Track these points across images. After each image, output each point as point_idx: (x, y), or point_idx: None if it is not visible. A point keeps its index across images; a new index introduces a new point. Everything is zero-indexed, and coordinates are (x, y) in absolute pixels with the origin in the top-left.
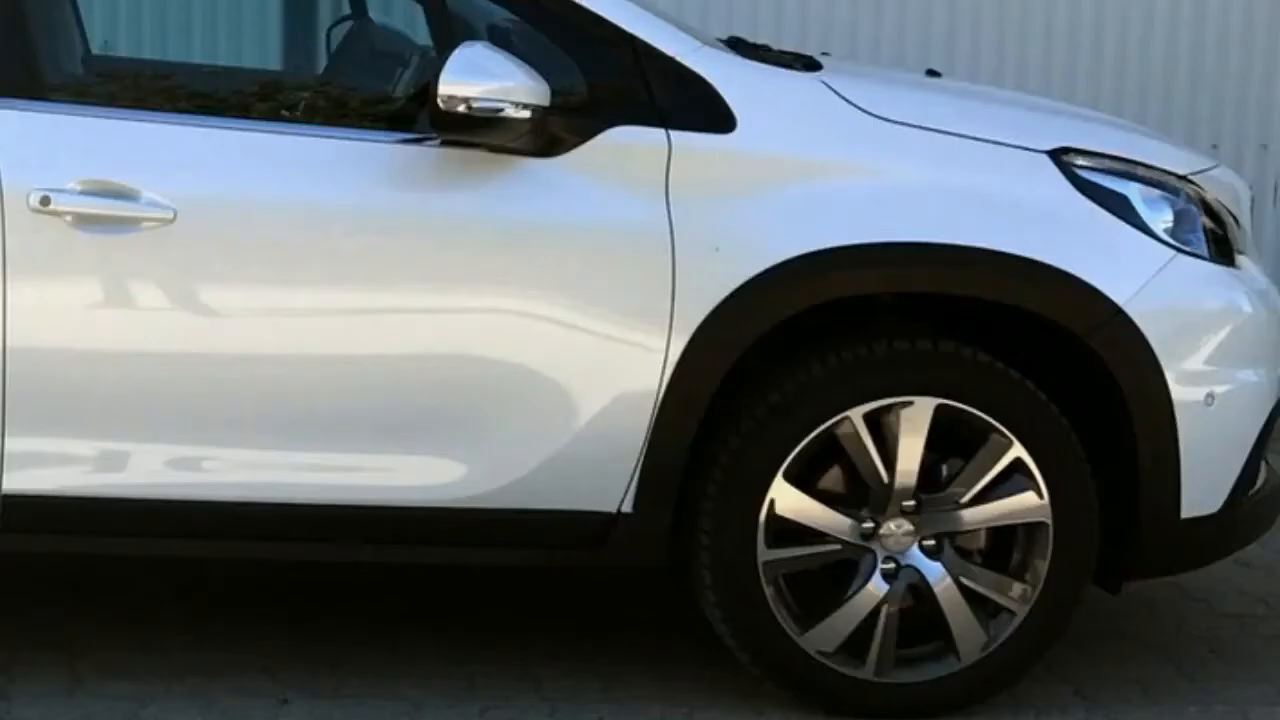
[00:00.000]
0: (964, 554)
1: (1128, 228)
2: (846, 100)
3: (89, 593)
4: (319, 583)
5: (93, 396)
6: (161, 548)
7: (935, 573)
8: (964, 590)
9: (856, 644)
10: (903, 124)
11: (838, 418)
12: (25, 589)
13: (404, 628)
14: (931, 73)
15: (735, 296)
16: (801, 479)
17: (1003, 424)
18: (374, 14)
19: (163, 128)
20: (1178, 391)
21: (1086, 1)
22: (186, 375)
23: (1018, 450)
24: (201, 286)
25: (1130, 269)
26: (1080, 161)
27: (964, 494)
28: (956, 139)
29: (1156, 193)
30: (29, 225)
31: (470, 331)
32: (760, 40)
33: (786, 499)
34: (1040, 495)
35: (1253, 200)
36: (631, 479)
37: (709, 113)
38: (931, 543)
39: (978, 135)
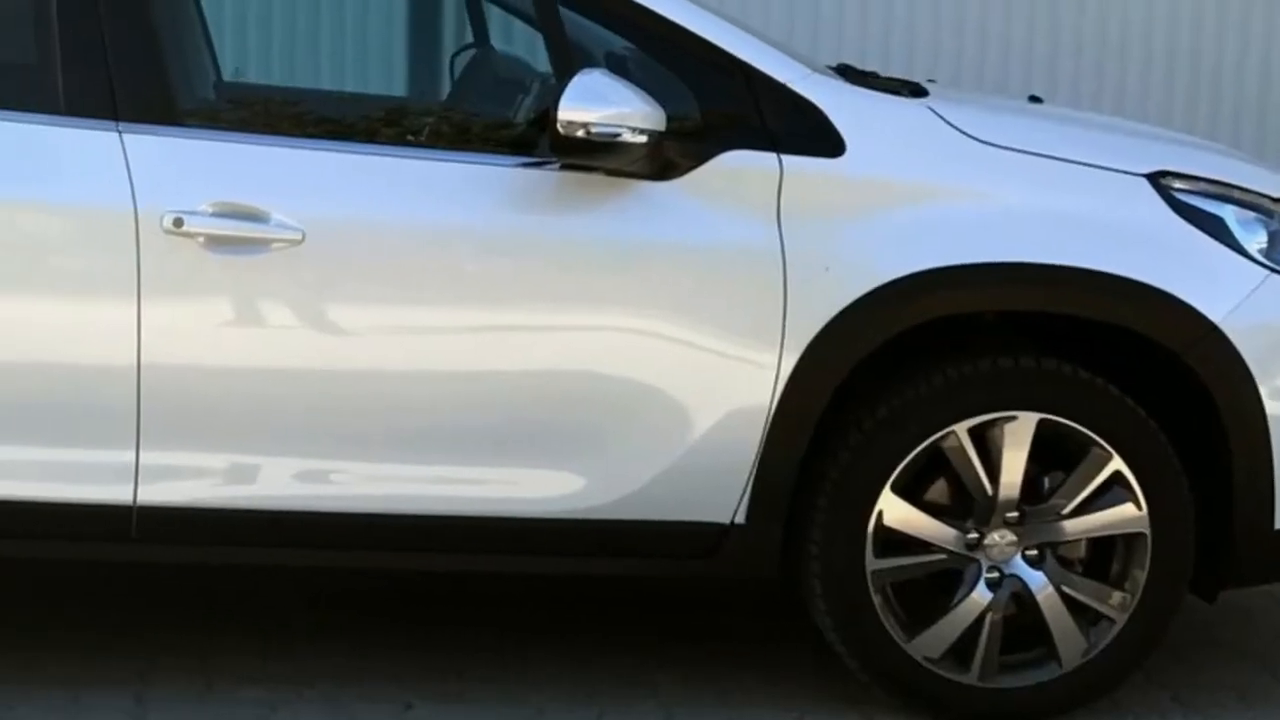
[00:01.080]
0: (1065, 563)
1: (1223, 248)
2: (952, 126)
3: (220, 601)
4: (443, 592)
5: (224, 411)
6: (290, 557)
7: (1038, 581)
8: (1065, 599)
9: (961, 650)
10: (1007, 149)
11: (944, 432)
12: (159, 598)
13: (524, 635)
14: (1034, 99)
15: (845, 315)
16: (908, 491)
17: (1103, 438)
18: (496, 42)
19: (292, 152)
20: (1271, 406)
21: (1184, 28)
22: (315, 391)
23: (1117, 463)
24: (329, 305)
25: (1225, 288)
26: (1178, 185)
27: (1065, 506)
28: (1059, 163)
29: (1251, 215)
30: (162, 246)
31: (588, 349)
32: (868, 67)
33: (894, 511)
34: (1139, 507)
35: None
36: (744, 491)
37: (819, 138)
38: (1034, 553)
39: (1079, 159)
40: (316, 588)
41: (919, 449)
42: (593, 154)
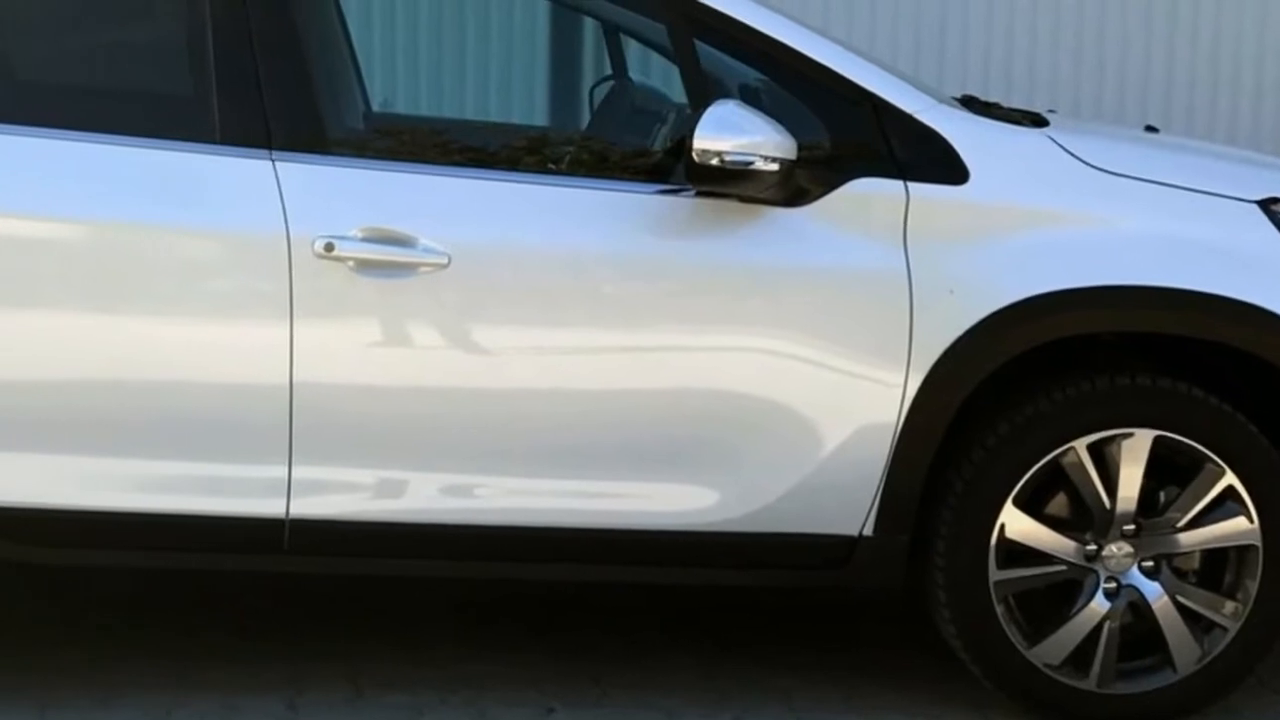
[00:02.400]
0: (1180, 574)
1: None
2: (1071, 154)
3: (369, 610)
4: (581, 602)
5: (372, 429)
6: (436, 568)
7: (1154, 591)
8: (1180, 608)
9: (1080, 657)
10: (1123, 176)
11: (1063, 448)
12: (310, 607)
13: (659, 643)
14: (1150, 128)
15: (968, 336)
16: (1030, 505)
17: (1216, 454)
18: (633, 74)
19: (437, 179)
20: None
21: None
22: (459, 409)
23: (1230, 478)
24: (473, 327)
25: None
26: None
27: (1180, 519)
28: (1173, 190)
29: None
30: (314, 270)
31: (722, 368)
32: (991, 98)
33: (1016, 523)
34: (1251, 520)
35: None
36: (872, 504)
37: (944, 166)
38: (1150, 564)
39: (1192, 186)
40: (460, 597)
41: (1040, 464)
42: (727, 181)
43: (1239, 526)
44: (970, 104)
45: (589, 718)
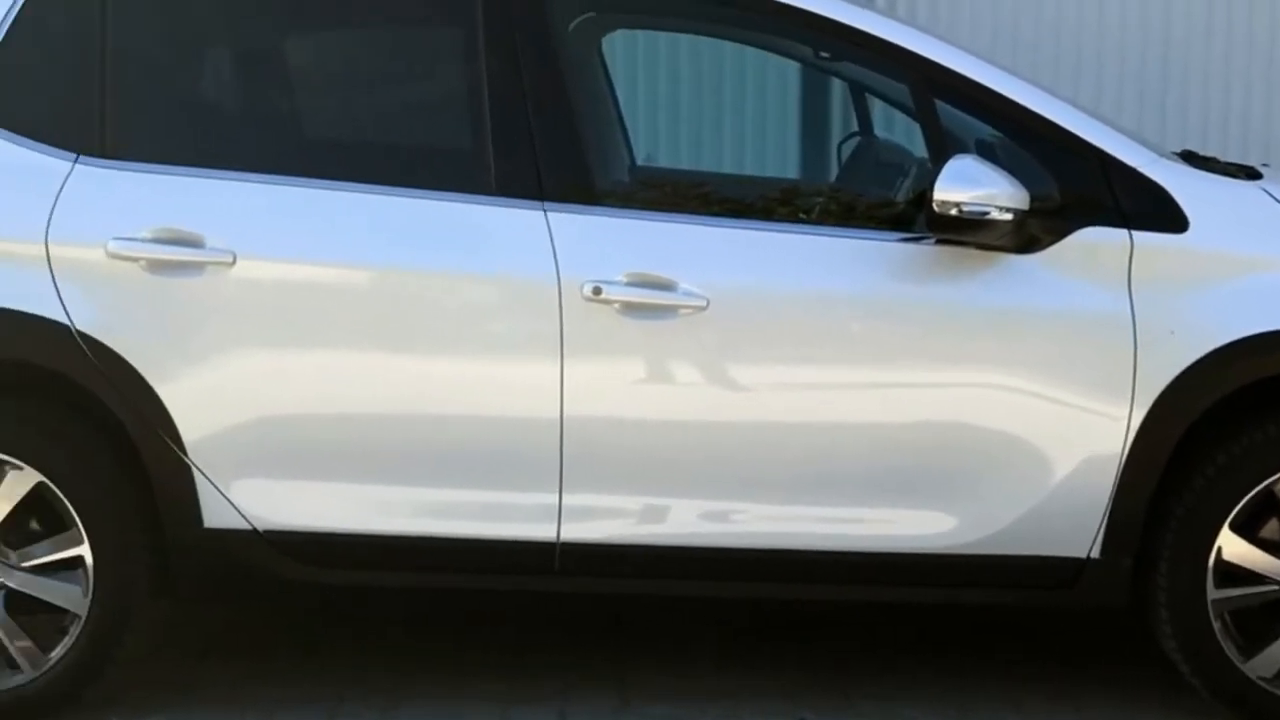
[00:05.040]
0: None
1: None
2: None
3: (634, 628)
4: (833, 620)
5: (637, 459)
6: (696, 589)
7: None
8: None
9: None
10: None
11: (1275, 476)
12: (579, 625)
13: (905, 659)
14: None
15: (1188, 373)
16: (1244, 529)
17: None
18: (878, 130)
19: (697, 228)
20: None
21: None
22: (718, 441)
23: None
24: (729, 365)
25: None
26: None
27: None
28: None
29: None
30: (583, 312)
31: (960, 403)
32: (1208, 153)
33: (1232, 546)
34: None
35: None
36: (1099, 529)
37: (1165, 215)
38: None
39: None
40: (719, 616)
41: (1254, 491)
42: (964, 230)
43: None
44: (1190, 158)
45: None
